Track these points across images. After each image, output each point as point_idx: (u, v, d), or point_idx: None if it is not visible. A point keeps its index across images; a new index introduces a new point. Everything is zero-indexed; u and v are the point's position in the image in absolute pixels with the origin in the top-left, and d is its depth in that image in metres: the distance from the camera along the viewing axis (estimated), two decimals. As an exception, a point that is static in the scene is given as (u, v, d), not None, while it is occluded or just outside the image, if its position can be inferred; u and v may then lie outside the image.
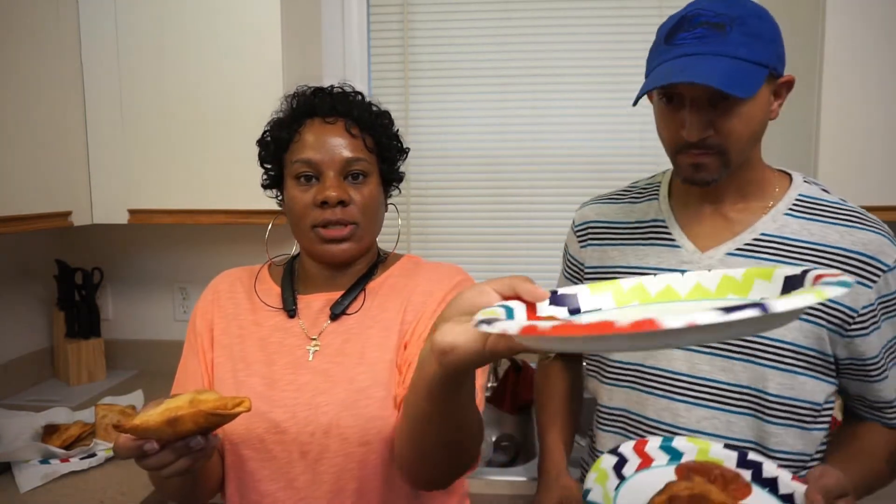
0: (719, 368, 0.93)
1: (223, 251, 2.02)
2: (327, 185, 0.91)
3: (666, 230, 1.01)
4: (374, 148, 0.96)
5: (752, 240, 0.94)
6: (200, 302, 1.03)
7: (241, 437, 0.90)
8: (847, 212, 0.94)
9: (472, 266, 2.00)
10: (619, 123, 1.93)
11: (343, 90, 0.99)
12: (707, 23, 0.86)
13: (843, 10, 1.47)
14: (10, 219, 1.43)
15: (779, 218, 0.95)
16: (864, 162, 1.50)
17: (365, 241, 0.96)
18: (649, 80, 0.88)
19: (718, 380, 0.93)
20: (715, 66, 0.83)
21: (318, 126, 0.94)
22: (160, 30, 1.62)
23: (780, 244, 0.93)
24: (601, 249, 1.07)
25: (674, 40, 0.88)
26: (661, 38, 0.90)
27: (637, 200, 1.08)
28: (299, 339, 0.96)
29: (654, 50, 0.93)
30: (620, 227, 1.06)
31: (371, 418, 0.89)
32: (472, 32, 1.95)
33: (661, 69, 0.87)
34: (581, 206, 1.15)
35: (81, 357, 1.89)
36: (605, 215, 1.09)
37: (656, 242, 1.01)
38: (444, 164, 1.98)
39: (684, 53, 0.86)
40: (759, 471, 0.80)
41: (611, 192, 1.14)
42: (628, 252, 1.03)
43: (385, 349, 0.93)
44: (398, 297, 0.97)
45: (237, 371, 0.95)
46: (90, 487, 1.28)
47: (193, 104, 1.63)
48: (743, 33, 0.85)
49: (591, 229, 1.09)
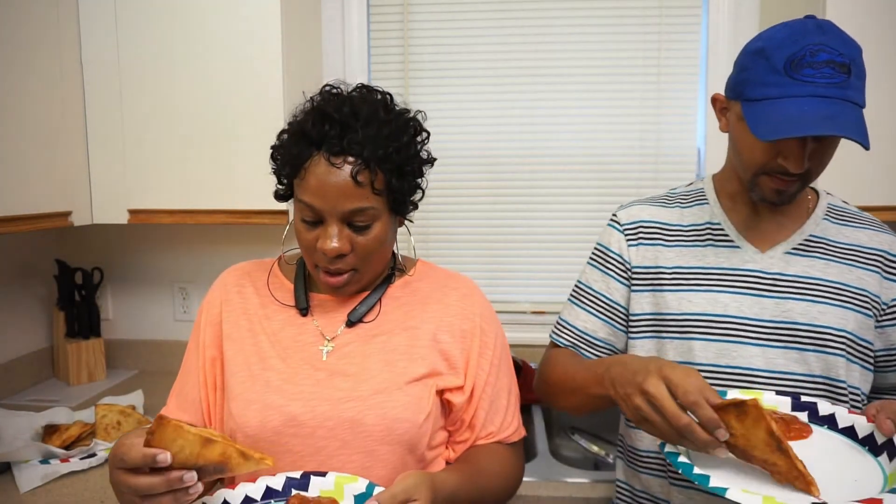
0: (794, 361, 0.98)
1: (223, 251, 2.02)
2: (329, 235, 0.89)
3: (723, 232, 1.06)
4: (383, 190, 0.89)
5: (804, 240, 1.03)
6: (208, 296, 1.03)
7: (255, 430, 0.90)
8: (868, 219, 1.08)
9: (472, 266, 2.00)
10: (618, 123, 1.93)
11: (356, 113, 0.89)
12: (833, 62, 0.87)
13: (843, 9, 1.47)
14: (10, 219, 1.43)
15: (819, 222, 1.05)
16: (863, 162, 1.50)
17: (366, 279, 0.96)
18: (783, 120, 0.87)
19: (794, 372, 0.97)
20: (852, 116, 0.87)
21: (324, 168, 0.87)
22: (160, 30, 1.62)
23: (826, 245, 1.03)
24: (655, 249, 1.09)
25: (800, 75, 0.88)
26: (779, 67, 0.89)
27: (685, 205, 1.12)
28: (313, 336, 0.97)
29: (768, 76, 0.90)
30: (674, 228, 1.10)
31: (397, 419, 0.89)
32: (472, 32, 1.95)
33: (794, 107, 0.87)
34: (624, 206, 1.16)
35: (81, 357, 1.89)
36: (657, 217, 1.12)
37: (715, 244, 1.06)
38: (444, 164, 1.96)
39: (814, 94, 0.87)
40: (815, 410, 0.87)
41: (652, 195, 1.17)
42: (686, 253, 1.06)
43: (413, 359, 0.94)
44: (423, 306, 0.99)
45: (251, 365, 0.95)
46: (90, 487, 1.28)
47: (193, 104, 1.63)
48: (858, 76, 0.89)
49: (644, 229, 1.11)
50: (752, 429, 0.73)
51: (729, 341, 0.99)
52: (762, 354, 0.98)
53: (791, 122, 0.87)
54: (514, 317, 2.00)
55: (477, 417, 0.98)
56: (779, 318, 0.98)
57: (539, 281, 2.00)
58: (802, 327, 0.98)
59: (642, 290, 1.07)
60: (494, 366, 0.99)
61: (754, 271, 1.02)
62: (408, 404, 0.90)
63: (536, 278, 2.00)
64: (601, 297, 1.11)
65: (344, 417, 0.89)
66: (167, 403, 1.00)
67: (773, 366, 0.98)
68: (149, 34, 1.62)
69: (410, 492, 0.77)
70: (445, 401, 0.97)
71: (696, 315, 1.02)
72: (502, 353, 1.02)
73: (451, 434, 1.00)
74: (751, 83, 0.93)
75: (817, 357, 0.97)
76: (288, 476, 0.83)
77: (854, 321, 0.98)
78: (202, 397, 0.97)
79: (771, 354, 0.98)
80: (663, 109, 1.91)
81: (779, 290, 1.00)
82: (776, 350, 0.98)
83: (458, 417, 0.98)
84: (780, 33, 0.91)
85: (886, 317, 1.01)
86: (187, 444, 0.71)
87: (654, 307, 1.06)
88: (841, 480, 0.75)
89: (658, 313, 1.05)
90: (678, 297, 1.04)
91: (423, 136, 0.97)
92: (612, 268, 1.12)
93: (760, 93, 0.92)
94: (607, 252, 1.13)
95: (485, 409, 0.98)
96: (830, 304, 0.98)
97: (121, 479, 0.72)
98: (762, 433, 0.73)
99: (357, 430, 0.89)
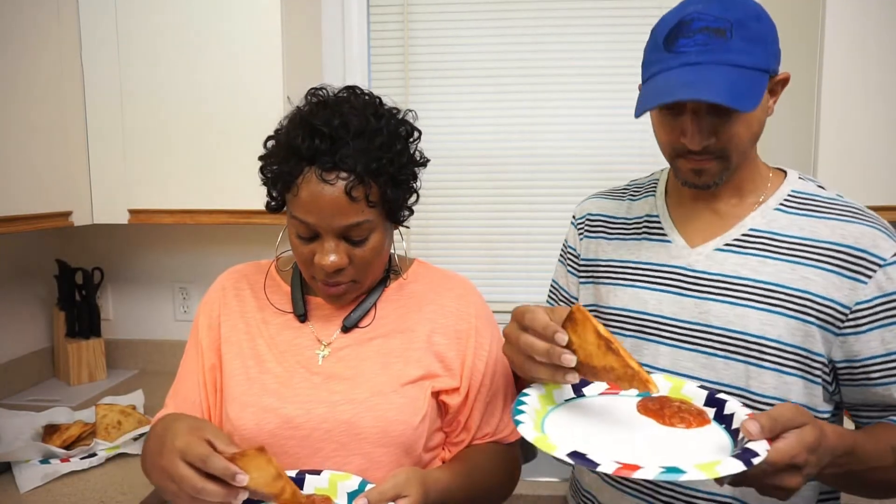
0: (701, 366, 0.92)
1: (223, 251, 2.02)
2: (326, 250, 0.87)
3: (659, 225, 1.02)
4: (378, 201, 0.88)
5: (741, 235, 0.94)
6: (205, 299, 1.03)
7: (251, 432, 0.90)
8: (841, 207, 0.92)
9: (471, 266, 2.00)
10: (618, 124, 1.93)
11: (347, 125, 0.85)
12: (707, 28, 0.83)
13: (843, 9, 1.48)
14: (10, 219, 1.43)
15: (768, 213, 0.94)
16: (864, 162, 1.50)
17: (364, 285, 0.96)
18: (652, 93, 0.87)
19: (699, 377, 0.91)
20: (720, 79, 0.82)
21: (315, 184, 0.84)
22: (160, 29, 1.62)
23: (768, 239, 0.92)
24: (596, 242, 1.08)
25: (674, 47, 0.85)
26: (660, 43, 0.88)
27: (635, 197, 1.09)
28: (309, 340, 0.97)
29: (651, 54, 0.90)
30: (617, 221, 1.07)
31: (392, 421, 0.89)
32: (472, 33, 1.95)
33: (662, 80, 0.86)
34: (582, 200, 1.16)
35: (82, 357, 1.89)
36: (603, 209, 1.10)
37: (649, 237, 1.02)
38: (443, 165, 1.98)
39: (686, 63, 0.84)
40: (723, 408, 0.80)
41: (613, 188, 1.15)
42: (622, 247, 1.04)
43: (408, 361, 0.94)
44: (418, 308, 0.99)
45: (248, 368, 0.95)
46: (90, 487, 1.28)
47: (194, 104, 1.63)
48: (744, 38, 0.83)
49: (589, 222, 1.11)
50: (582, 335, 0.73)
51: (642, 338, 0.96)
52: (670, 355, 0.94)
53: (654, 95, 0.85)
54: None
55: (473, 419, 0.98)
56: (695, 319, 0.92)
57: (539, 281, 2.00)
58: (715, 331, 0.91)
59: (586, 282, 1.08)
60: (490, 367, 0.99)
61: (678, 268, 0.96)
62: (403, 406, 0.90)
63: (536, 278, 2.00)
64: (562, 291, 1.14)
65: (340, 420, 0.89)
66: (165, 405, 1.00)
67: (677, 367, 0.93)
68: (148, 34, 1.63)
69: (401, 488, 0.77)
70: (441, 402, 0.97)
71: (619, 310, 1.00)
72: (498, 354, 1.01)
73: (448, 436, 1.00)
74: (643, 65, 0.92)
75: (725, 364, 0.90)
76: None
77: (785, 327, 0.87)
78: (202, 399, 0.98)
79: (679, 356, 0.93)
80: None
81: (700, 289, 0.93)
82: (684, 352, 0.93)
83: (454, 419, 0.98)
84: (670, 12, 0.89)
85: (849, 323, 0.87)
86: (264, 475, 0.73)
87: (595, 299, 1.05)
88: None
89: (596, 305, 1.04)
90: (608, 291, 1.02)
91: (416, 135, 0.95)
92: (569, 261, 1.13)
93: (647, 72, 0.91)
94: (565, 246, 1.15)
95: (480, 410, 0.98)
96: (753, 308, 0.89)
97: (182, 473, 0.73)
98: (592, 336, 0.73)
99: (353, 432, 0.89)
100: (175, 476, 0.74)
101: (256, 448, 0.73)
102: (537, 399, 0.83)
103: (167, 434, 0.78)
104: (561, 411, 0.83)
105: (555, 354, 0.75)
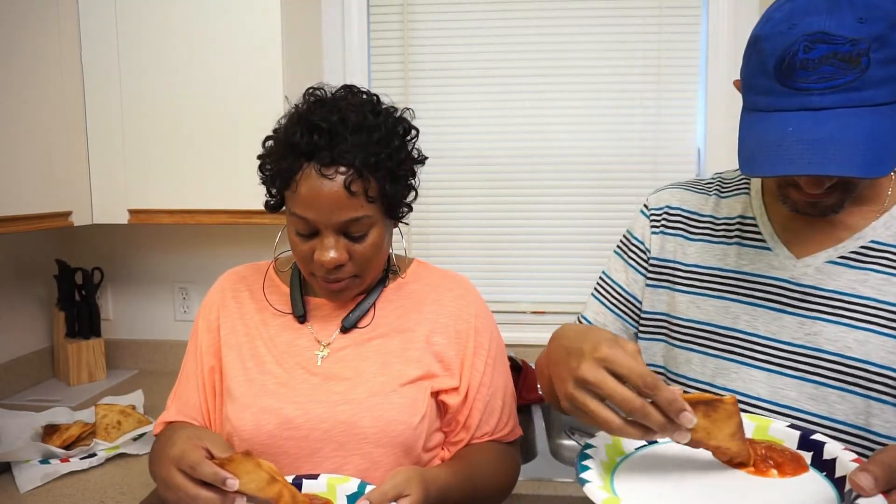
0: (809, 396, 0.79)
1: (223, 251, 2.01)
2: (325, 246, 0.87)
3: (755, 230, 0.87)
4: (377, 196, 0.88)
5: (860, 247, 0.79)
6: (204, 302, 1.03)
7: (250, 433, 0.90)
8: None
9: (472, 266, 2.00)
10: (619, 124, 1.93)
11: (344, 120, 0.86)
12: (836, 55, 0.66)
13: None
14: (10, 219, 1.43)
15: (893, 224, 0.79)
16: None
17: (366, 281, 0.96)
18: (765, 147, 0.70)
19: (807, 410, 0.78)
20: (852, 136, 0.66)
21: (314, 179, 0.85)
22: (160, 29, 1.62)
23: (894, 254, 0.78)
24: (675, 241, 0.93)
25: (790, 81, 0.69)
26: (769, 69, 0.71)
27: (724, 193, 0.94)
28: (308, 341, 0.97)
29: (758, 77, 0.73)
30: (703, 220, 0.93)
31: (391, 421, 0.90)
32: (472, 32, 1.95)
33: (776, 125, 0.70)
34: (658, 189, 1.00)
35: (81, 357, 1.89)
36: (686, 203, 0.95)
37: (742, 242, 0.88)
38: (444, 165, 1.98)
39: (806, 107, 0.69)
40: (821, 452, 0.68)
41: (694, 179, 1.00)
42: (708, 250, 0.90)
43: (408, 361, 0.94)
44: (418, 308, 0.99)
45: (248, 369, 0.95)
46: (90, 487, 1.28)
47: (193, 104, 1.63)
48: (884, 62, 0.66)
49: (669, 215, 0.95)
50: (718, 423, 0.64)
51: (729, 359, 0.84)
52: (767, 381, 0.81)
53: (762, 155, 0.70)
54: (514, 317, 2.00)
55: (472, 418, 0.98)
56: (800, 341, 0.80)
57: (539, 281, 2.00)
58: (827, 356, 0.78)
59: (658, 285, 0.93)
60: (489, 366, 0.99)
61: (780, 280, 0.82)
62: (402, 406, 0.90)
63: (536, 278, 2.00)
64: (618, 288, 0.98)
65: (339, 420, 0.89)
66: (167, 408, 1.00)
67: (778, 397, 0.80)
68: (148, 34, 1.62)
69: (401, 487, 0.77)
70: (441, 402, 0.97)
71: (702, 324, 0.87)
72: (497, 354, 1.02)
73: (447, 435, 1.00)
74: (746, 85, 0.76)
75: (840, 396, 0.76)
76: None
77: None
78: (201, 401, 0.98)
79: (779, 383, 0.80)
80: (663, 109, 1.91)
81: (807, 307, 0.80)
82: (785, 379, 0.80)
83: (453, 419, 0.98)
84: (779, 13, 0.71)
85: None
86: (255, 479, 0.73)
87: (668, 307, 0.92)
88: None
89: (669, 315, 0.91)
90: (689, 301, 0.89)
91: (413, 133, 0.95)
92: (633, 256, 0.97)
93: (751, 102, 0.75)
94: (631, 238, 0.99)
95: (480, 409, 0.98)
96: (877, 333, 0.75)
97: (177, 481, 0.74)
98: (731, 429, 0.64)
99: (352, 432, 0.89)
100: (171, 485, 0.75)
101: (243, 452, 0.73)
102: (604, 450, 0.72)
103: (167, 444, 0.79)
104: (633, 463, 0.72)
105: (669, 430, 0.62)
